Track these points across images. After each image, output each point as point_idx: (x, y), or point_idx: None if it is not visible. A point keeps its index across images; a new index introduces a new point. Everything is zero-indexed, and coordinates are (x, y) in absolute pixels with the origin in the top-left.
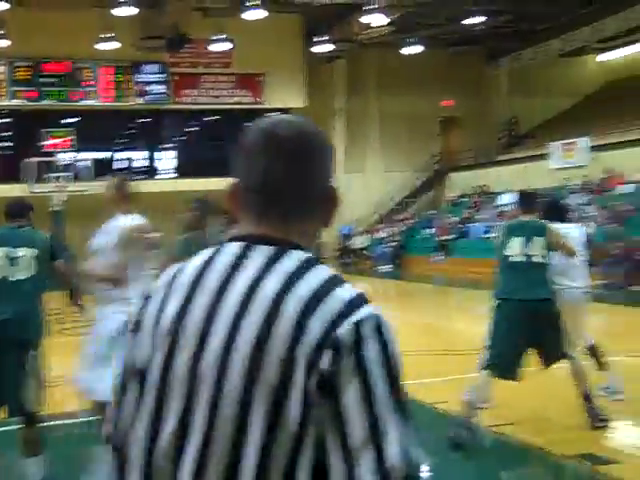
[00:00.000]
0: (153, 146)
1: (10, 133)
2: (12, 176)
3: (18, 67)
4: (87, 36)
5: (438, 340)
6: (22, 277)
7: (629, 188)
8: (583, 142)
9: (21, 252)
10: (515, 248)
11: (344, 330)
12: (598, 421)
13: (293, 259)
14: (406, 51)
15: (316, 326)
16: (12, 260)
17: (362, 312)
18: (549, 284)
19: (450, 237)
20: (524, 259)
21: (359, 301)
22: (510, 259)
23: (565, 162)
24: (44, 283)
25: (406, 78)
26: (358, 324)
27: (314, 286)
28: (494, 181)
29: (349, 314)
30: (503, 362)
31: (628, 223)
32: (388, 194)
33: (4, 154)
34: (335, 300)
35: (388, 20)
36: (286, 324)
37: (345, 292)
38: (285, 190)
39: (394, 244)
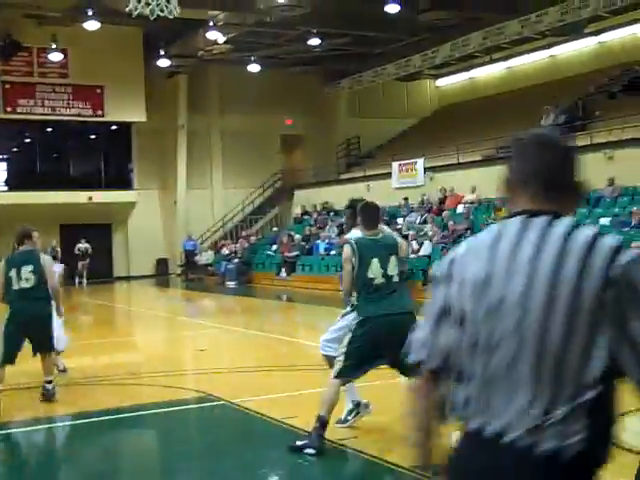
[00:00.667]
0: None
1: None
2: None
3: None
4: None
5: (284, 356)
6: None
7: (462, 208)
8: (419, 163)
9: None
10: (375, 270)
11: (618, 265)
12: None
13: (565, 222)
14: (247, 69)
15: (596, 262)
16: None
17: (628, 254)
18: (409, 297)
19: (294, 254)
20: (384, 280)
21: (623, 246)
22: (373, 282)
23: (404, 182)
24: None
25: (247, 96)
26: (629, 262)
27: (587, 235)
28: (337, 199)
29: (618, 254)
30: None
31: (460, 241)
32: (231, 210)
33: None
34: (605, 244)
35: (225, 38)
36: (573, 260)
37: (612, 239)
38: (557, 178)
39: (239, 261)
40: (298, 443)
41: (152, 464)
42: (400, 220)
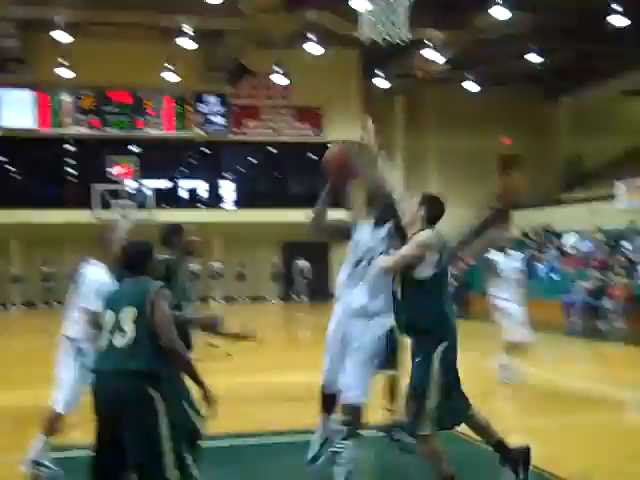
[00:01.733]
0: (213, 177)
1: (75, 161)
2: (77, 202)
3: (82, 96)
4: (150, 67)
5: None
6: None
7: None
8: None
9: None
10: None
11: None
12: None
13: None
14: (465, 88)
15: None
16: None
17: None
18: None
19: None
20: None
21: None
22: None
23: (631, 203)
24: None
25: (465, 115)
26: None
27: None
28: (556, 220)
29: None
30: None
31: None
32: (447, 231)
33: (69, 180)
34: None
35: (443, 57)
36: None
37: None
38: None
39: (457, 283)
40: None
41: None
42: (626, 244)
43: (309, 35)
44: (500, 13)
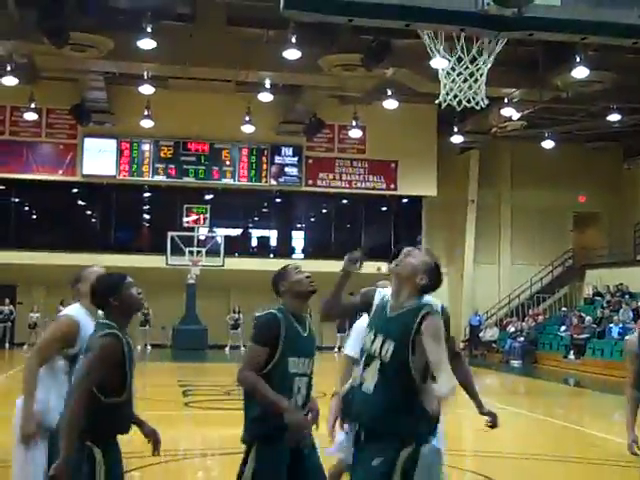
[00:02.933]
0: (285, 226)
1: (150, 207)
2: (150, 248)
3: (162, 146)
4: (227, 118)
5: (569, 445)
6: None
7: None
8: None
9: None
10: None
11: None
12: None
13: None
14: (540, 145)
15: None
16: None
17: None
18: None
19: (584, 336)
20: None
21: None
22: None
23: None
24: None
25: (540, 171)
26: None
27: None
28: (632, 280)
29: None
30: None
31: None
32: (519, 287)
33: (144, 226)
34: None
35: (520, 115)
36: None
37: None
38: None
39: (524, 339)
40: None
41: None
42: None
43: (387, 90)
44: (580, 72)
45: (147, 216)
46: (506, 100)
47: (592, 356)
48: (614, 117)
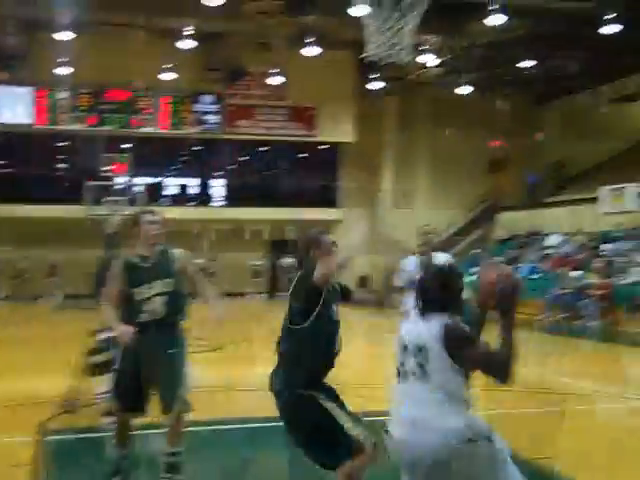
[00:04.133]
0: (205, 174)
1: (69, 157)
2: (70, 198)
3: (80, 94)
4: (148, 66)
5: None
6: None
7: None
8: (632, 188)
9: None
10: None
11: None
12: None
13: None
14: (457, 91)
15: None
16: None
17: None
18: None
19: None
20: None
21: None
22: None
23: (614, 207)
24: None
25: (456, 118)
26: None
27: None
28: (543, 223)
29: None
30: None
31: None
32: (438, 230)
33: (63, 176)
34: None
35: (439, 61)
36: None
37: None
38: None
39: None
40: None
41: None
42: (607, 246)
43: (309, 38)
44: (495, 20)
45: (66, 166)
46: (423, 46)
47: None
48: (527, 63)
